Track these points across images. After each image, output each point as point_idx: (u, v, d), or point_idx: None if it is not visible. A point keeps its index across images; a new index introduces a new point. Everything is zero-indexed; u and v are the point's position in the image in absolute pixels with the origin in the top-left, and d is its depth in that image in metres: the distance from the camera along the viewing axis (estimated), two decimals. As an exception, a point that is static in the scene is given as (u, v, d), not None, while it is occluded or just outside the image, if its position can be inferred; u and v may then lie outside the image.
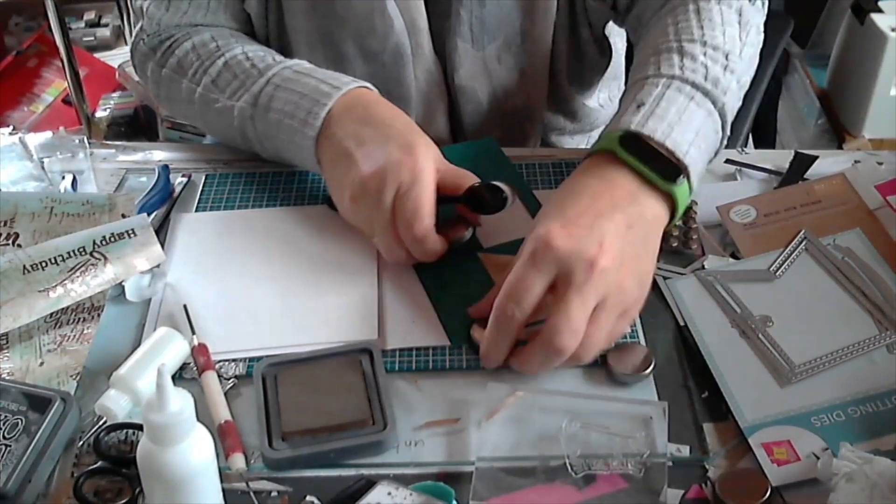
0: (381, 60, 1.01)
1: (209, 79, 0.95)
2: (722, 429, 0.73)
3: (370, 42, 1.00)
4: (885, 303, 0.81)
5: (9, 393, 0.72)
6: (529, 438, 0.71)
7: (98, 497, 0.68)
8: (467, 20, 0.99)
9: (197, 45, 0.98)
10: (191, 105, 0.98)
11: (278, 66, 0.92)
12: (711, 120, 0.83)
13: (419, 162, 0.81)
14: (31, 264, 0.82)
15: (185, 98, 0.98)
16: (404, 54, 1.01)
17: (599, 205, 0.75)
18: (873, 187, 0.92)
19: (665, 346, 0.80)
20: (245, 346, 0.79)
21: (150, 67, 1.02)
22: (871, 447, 0.69)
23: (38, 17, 2.48)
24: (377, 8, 0.98)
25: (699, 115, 0.82)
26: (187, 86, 0.97)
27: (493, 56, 1.02)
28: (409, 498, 0.64)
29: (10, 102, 2.33)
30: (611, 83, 1.19)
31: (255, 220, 0.93)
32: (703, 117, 0.82)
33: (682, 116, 0.80)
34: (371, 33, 0.99)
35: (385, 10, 0.98)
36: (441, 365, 0.78)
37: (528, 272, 0.72)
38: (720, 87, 0.84)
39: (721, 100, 0.83)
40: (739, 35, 0.88)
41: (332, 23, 1.00)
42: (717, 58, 0.85)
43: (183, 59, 0.98)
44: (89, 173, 1.00)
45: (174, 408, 0.58)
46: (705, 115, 0.82)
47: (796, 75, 2.15)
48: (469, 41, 1.01)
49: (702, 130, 0.81)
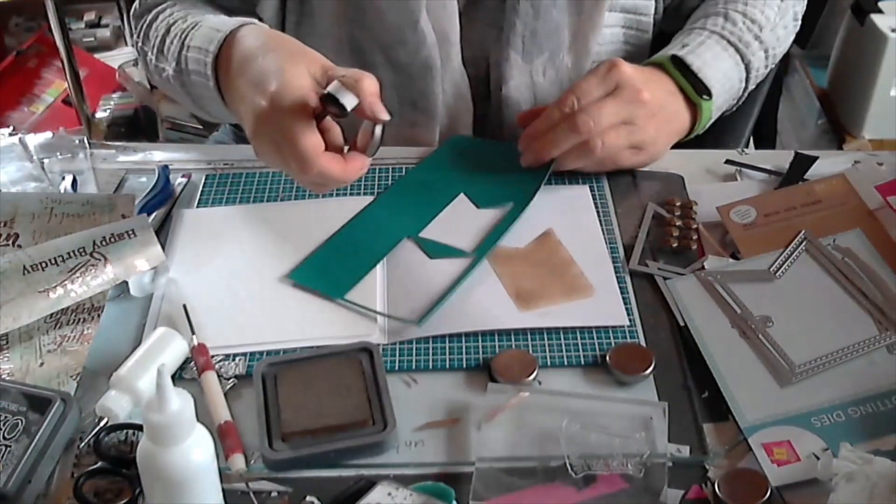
0: (409, 72, 1.01)
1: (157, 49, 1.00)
2: (722, 429, 0.73)
3: (399, 54, 1.00)
4: (885, 303, 0.81)
5: (9, 393, 0.72)
6: (529, 439, 0.71)
7: (98, 497, 0.68)
8: (521, 32, 1.00)
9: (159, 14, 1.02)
10: (162, 81, 1.02)
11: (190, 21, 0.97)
12: (738, 70, 1.03)
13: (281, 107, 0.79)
14: (31, 265, 0.82)
15: (152, 70, 1.03)
16: (433, 67, 1.01)
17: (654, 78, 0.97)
18: (873, 187, 0.92)
19: (665, 346, 0.80)
20: (245, 341, 0.80)
21: (133, 39, 1.07)
22: (871, 447, 0.69)
23: (38, 17, 2.48)
24: (409, 22, 0.98)
25: (728, 62, 1.02)
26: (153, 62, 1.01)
27: (539, 69, 1.04)
28: (410, 498, 0.64)
29: (10, 103, 2.33)
30: None
31: (257, 214, 0.93)
32: (731, 65, 1.02)
33: (715, 61, 1.00)
34: (401, 45, 1.00)
35: (417, 25, 0.98)
36: (441, 365, 0.78)
37: (593, 79, 0.92)
38: (750, 49, 1.03)
39: (748, 58, 1.03)
40: (776, 16, 1.06)
41: (362, 32, 1.00)
42: (752, 28, 1.04)
43: (149, 36, 1.02)
44: (89, 174, 1.00)
45: (174, 408, 0.58)
46: (733, 64, 1.02)
47: (796, 75, 2.15)
48: (520, 53, 1.02)
49: (728, 73, 1.02)
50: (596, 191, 0.96)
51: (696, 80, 0.98)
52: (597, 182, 0.97)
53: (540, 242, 0.89)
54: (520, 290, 0.84)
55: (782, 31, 1.08)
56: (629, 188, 0.97)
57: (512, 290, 0.84)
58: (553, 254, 0.88)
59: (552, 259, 0.87)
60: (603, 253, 0.88)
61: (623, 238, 0.90)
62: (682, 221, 0.91)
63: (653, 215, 0.93)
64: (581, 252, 0.88)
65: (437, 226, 0.91)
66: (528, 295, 0.83)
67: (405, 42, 0.99)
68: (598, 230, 0.91)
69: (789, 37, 1.11)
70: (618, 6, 1.05)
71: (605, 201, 0.95)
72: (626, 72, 0.92)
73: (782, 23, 1.08)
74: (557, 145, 0.93)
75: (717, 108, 1.01)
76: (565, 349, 0.79)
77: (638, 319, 0.82)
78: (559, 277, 0.85)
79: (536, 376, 0.76)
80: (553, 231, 0.90)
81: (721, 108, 1.03)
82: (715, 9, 1.06)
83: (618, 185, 0.97)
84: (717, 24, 1.03)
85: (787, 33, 1.10)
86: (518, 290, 0.84)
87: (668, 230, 0.90)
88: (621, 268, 0.87)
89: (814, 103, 2.07)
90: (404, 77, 1.02)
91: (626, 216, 0.93)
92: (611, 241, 0.90)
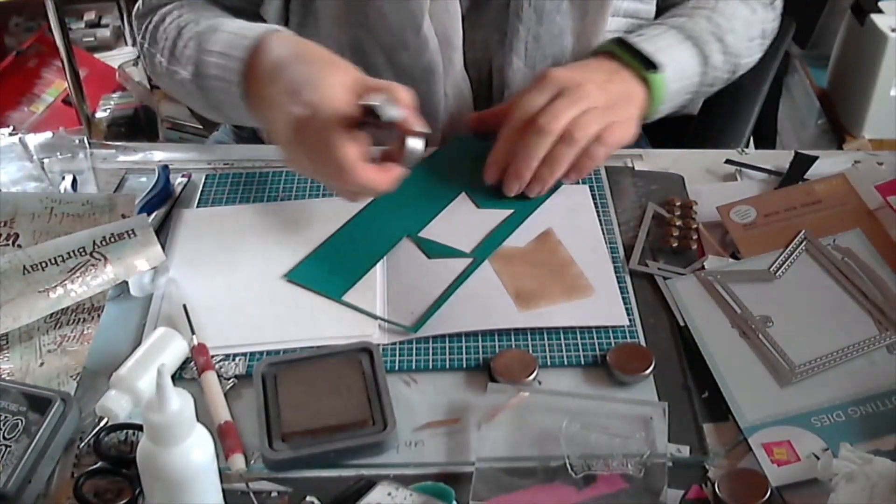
0: (411, 75, 1.01)
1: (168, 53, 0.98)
2: (722, 429, 0.73)
3: (401, 57, 1.00)
4: (885, 303, 0.81)
5: (9, 393, 0.72)
6: (529, 439, 0.71)
7: (98, 497, 0.68)
8: (524, 37, 1.01)
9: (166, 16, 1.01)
10: (171, 82, 1.00)
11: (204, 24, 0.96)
12: (694, 62, 1.02)
13: (320, 118, 0.80)
14: (31, 265, 0.82)
15: (162, 74, 1.01)
16: (436, 72, 1.01)
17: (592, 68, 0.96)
18: (873, 187, 0.92)
19: (665, 346, 0.80)
20: (245, 341, 0.80)
21: (137, 39, 1.05)
22: (871, 447, 0.69)
23: (38, 17, 2.48)
24: (411, 25, 0.98)
25: (685, 53, 1.01)
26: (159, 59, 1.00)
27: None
28: (409, 498, 0.64)
29: (10, 102, 2.32)
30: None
31: (257, 214, 0.93)
32: (687, 55, 1.01)
33: (669, 48, 0.99)
34: (403, 49, 1.00)
35: (420, 29, 0.98)
36: (441, 365, 0.78)
37: (532, 92, 0.91)
38: (709, 46, 1.02)
39: (706, 51, 1.02)
40: (742, 27, 1.06)
41: (364, 34, 1.00)
42: (715, 30, 1.04)
43: (154, 32, 1.01)
44: (89, 173, 1.00)
45: (174, 408, 0.58)
46: (690, 55, 1.01)
47: (796, 75, 2.15)
48: (523, 58, 1.02)
49: (683, 62, 1.01)
50: (596, 191, 0.96)
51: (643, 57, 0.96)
52: (597, 182, 0.97)
53: (540, 242, 0.89)
54: (519, 290, 0.84)
55: (746, 42, 1.08)
56: (629, 188, 0.97)
57: (512, 290, 0.84)
58: (553, 254, 0.88)
59: (552, 259, 0.87)
60: (603, 253, 0.88)
61: (623, 238, 0.90)
62: (682, 221, 0.91)
63: (653, 215, 0.93)
64: (581, 252, 0.88)
65: (437, 225, 0.91)
66: (528, 295, 0.83)
67: (407, 45, 0.99)
68: (598, 230, 0.91)
69: (754, 52, 1.11)
70: (621, 11, 1.05)
71: (605, 201, 0.95)
72: (560, 74, 0.91)
73: (747, 34, 1.08)
74: (533, 155, 0.90)
75: (672, 93, 0.99)
76: (565, 349, 0.79)
77: (638, 319, 0.82)
78: (559, 277, 0.85)
79: (536, 376, 0.76)
80: (553, 231, 0.90)
81: (678, 94, 1.01)
82: (682, 10, 1.07)
83: (618, 185, 0.97)
84: (678, 21, 1.04)
85: (752, 47, 1.10)
86: (518, 291, 0.84)
87: (668, 230, 0.90)
88: (621, 268, 0.87)
89: (814, 103, 2.07)
90: (406, 80, 1.01)
91: (626, 216, 0.93)
92: (611, 241, 0.90)
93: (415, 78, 1.01)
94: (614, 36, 1.00)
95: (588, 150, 0.90)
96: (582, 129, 0.89)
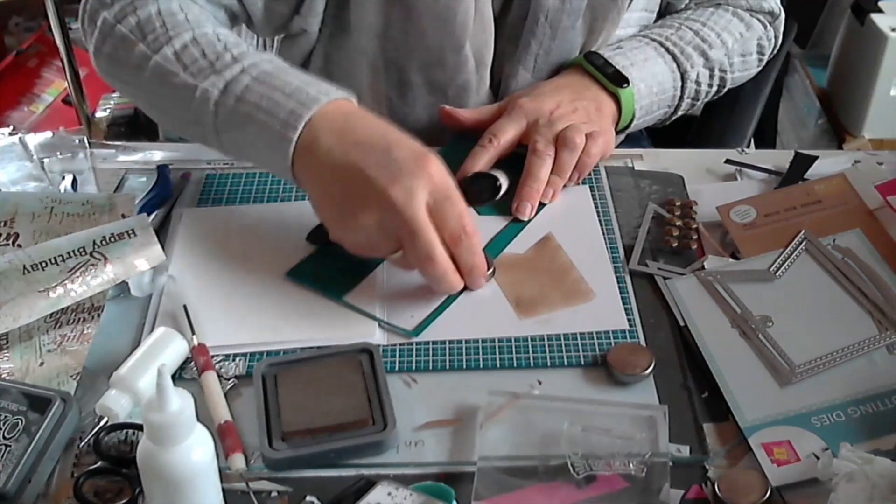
0: (444, 92, 1.01)
1: (171, 50, 0.87)
2: (722, 429, 0.73)
3: (438, 75, 1.00)
4: (885, 303, 0.81)
5: (9, 393, 0.72)
6: (530, 440, 0.71)
7: (98, 497, 0.68)
8: (535, 51, 1.01)
9: (163, 12, 0.90)
10: (139, 72, 0.89)
11: (255, 56, 0.86)
12: (672, 76, 1.03)
13: (440, 166, 0.79)
14: (31, 264, 0.82)
15: (133, 62, 0.89)
16: (469, 90, 1.02)
17: (559, 87, 0.98)
18: (873, 187, 0.92)
19: (665, 346, 0.80)
20: (245, 341, 0.80)
21: (102, 16, 0.92)
22: (871, 447, 0.69)
23: (38, 17, 2.47)
24: (452, 46, 0.98)
25: (661, 67, 1.02)
26: (142, 51, 0.88)
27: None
28: (410, 498, 0.64)
29: (10, 102, 2.32)
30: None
31: (257, 214, 0.93)
32: (663, 70, 1.02)
33: (645, 62, 1.01)
34: (440, 67, 0.99)
35: (462, 50, 0.98)
36: (441, 365, 0.78)
37: (503, 121, 0.94)
38: (690, 60, 1.03)
39: (685, 66, 1.03)
40: (734, 43, 1.07)
41: (400, 51, 1.00)
42: (701, 45, 1.04)
43: (144, 22, 0.90)
44: (89, 173, 1.00)
45: (174, 408, 0.58)
46: (667, 70, 1.02)
47: (796, 75, 2.15)
48: (531, 70, 1.02)
49: (659, 76, 1.02)
50: (596, 191, 0.96)
51: (614, 72, 0.99)
52: (597, 182, 0.97)
53: (540, 248, 0.89)
54: (519, 297, 0.83)
55: (738, 58, 1.08)
56: (629, 188, 0.97)
57: (512, 298, 0.83)
58: (553, 259, 0.88)
59: (552, 265, 0.87)
60: (603, 255, 0.88)
61: (623, 238, 0.90)
62: (682, 221, 0.91)
63: (653, 215, 0.93)
64: (581, 255, 0.88)
65: None
66: (528, 302, 0.83)
67: (445, 64, 0.99)
68: (598, 232, 0.91)
69: (749, 67, 1.11)
70: (631, 23, 1.06)
71: (605, 201, 0.95)
72: (528, 105, 0.94)
73: (740, 50, 1.08)
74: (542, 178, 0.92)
75: (643, 109, 1.01)
76: (565, 349, 0.79)
77: (638, 319, 0.82)
78: (559, 283, 0.85)
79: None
80: (553, 235, 0.90)
81: (651, 109, 1.02)
82: (671, 21, 1.08)
83: (618, 185, 0.97)
84: (662, 35, 1.05)
85: (747, 63, 1.10)
86: (518, 298, 0.83)
87: (668, 230, 0.90)
88: (621, 268, 0.87)
89: (814, 103, 2.07)
90: (439, 97, 1.02)
91: (626, 216, 0.93)
92: (611, 242, 0.90)
93: (448, 95, 1.02)
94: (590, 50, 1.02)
95: (585, 148, 0.93)
96: (576, 132, 0.92)
